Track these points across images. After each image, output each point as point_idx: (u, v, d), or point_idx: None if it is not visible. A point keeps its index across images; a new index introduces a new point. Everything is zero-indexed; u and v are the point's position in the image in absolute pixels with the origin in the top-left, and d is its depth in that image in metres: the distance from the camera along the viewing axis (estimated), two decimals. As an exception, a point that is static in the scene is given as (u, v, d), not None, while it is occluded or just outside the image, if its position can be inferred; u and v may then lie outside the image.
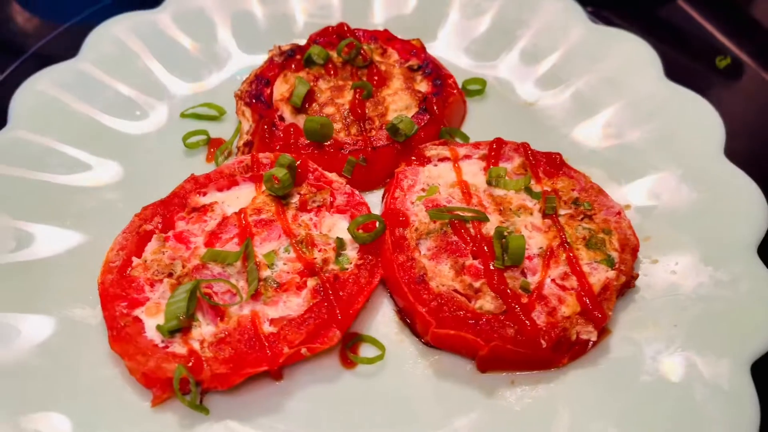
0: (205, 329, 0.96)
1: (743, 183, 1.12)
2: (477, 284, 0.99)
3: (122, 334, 0.95)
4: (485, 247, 1.01)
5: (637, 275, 1.04)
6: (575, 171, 1.15)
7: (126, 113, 1.31)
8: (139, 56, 1.38)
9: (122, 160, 1.25)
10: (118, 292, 0.99)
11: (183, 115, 1.32)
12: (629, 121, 1.27)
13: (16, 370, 0.96)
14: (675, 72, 1.32)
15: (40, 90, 1.27)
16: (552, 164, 1.14)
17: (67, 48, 1.38)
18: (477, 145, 1.18)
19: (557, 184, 1.13)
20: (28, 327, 1.01)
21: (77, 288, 1.06)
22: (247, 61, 1.42)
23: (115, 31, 1.39)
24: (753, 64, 1.49)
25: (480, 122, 1.33)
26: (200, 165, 1.25)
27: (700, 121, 1.21)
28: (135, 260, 1.03)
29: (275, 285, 1.00)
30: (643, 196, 1.17)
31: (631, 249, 1.04)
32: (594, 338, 0.96)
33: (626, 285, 1.02)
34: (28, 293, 1.04)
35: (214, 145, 1.28)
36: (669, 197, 1.15)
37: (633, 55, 1.33)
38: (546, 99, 1.35)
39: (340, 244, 1.04)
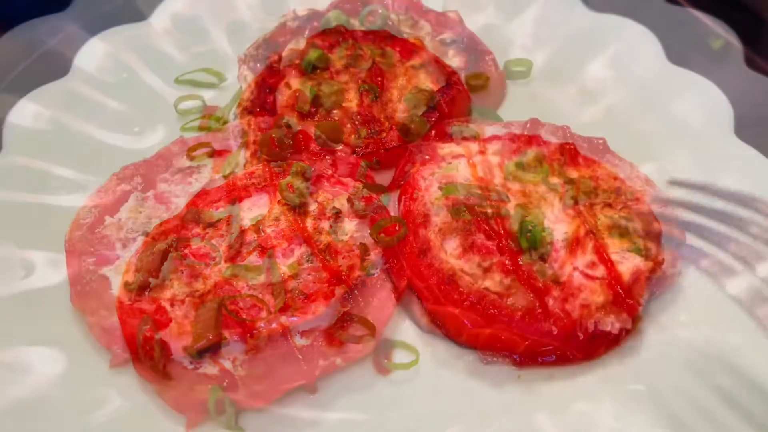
0: (234, 347, 0.93)
1: (757, 161, 1.13)
2: (507, 281, 0.97)
3: (146, 357, 0.92)
4: (511, 243, 1.00)
5: (663, 260, 1.04)
6: (591, 160, 1.14)
7: (124, 130, 1.27)
8: (133, 71, 1.34)
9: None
10: (139, 316, 0.95)
11: (183, 129, 1.28)
12: (637, 107, 1.27)
13: (37, 405, 0.92)
14: (670, 55, 1.32)
15: (34, 112, 1.22)
16: (568, 154, 1.13)
17: (49, 70, 1.33)
18: (497, 138, 1.16)
19: (575, 174, 1.12)
20: (42, 359, 0.97)
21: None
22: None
23: (105, 47, 1.35)
24: (745, 43, 1.50)
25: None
26: (207, 176, 1.21)
27: (707, 102, 1.22)
28: (152, 281, 1.00)
29: (302, 296, 0.97)
30: (657, 181, 1.16)
31: (655, 235, 1.03)
32: (629, 326, 0.96)
33: (653, 271, 1.02)
34: (41, 323, 1.01)
35: (219, 154, 1.23)
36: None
37: (635, 41, 1.33)
38: (551, 90, 1.34)
39: (364, 250, 1.02)
